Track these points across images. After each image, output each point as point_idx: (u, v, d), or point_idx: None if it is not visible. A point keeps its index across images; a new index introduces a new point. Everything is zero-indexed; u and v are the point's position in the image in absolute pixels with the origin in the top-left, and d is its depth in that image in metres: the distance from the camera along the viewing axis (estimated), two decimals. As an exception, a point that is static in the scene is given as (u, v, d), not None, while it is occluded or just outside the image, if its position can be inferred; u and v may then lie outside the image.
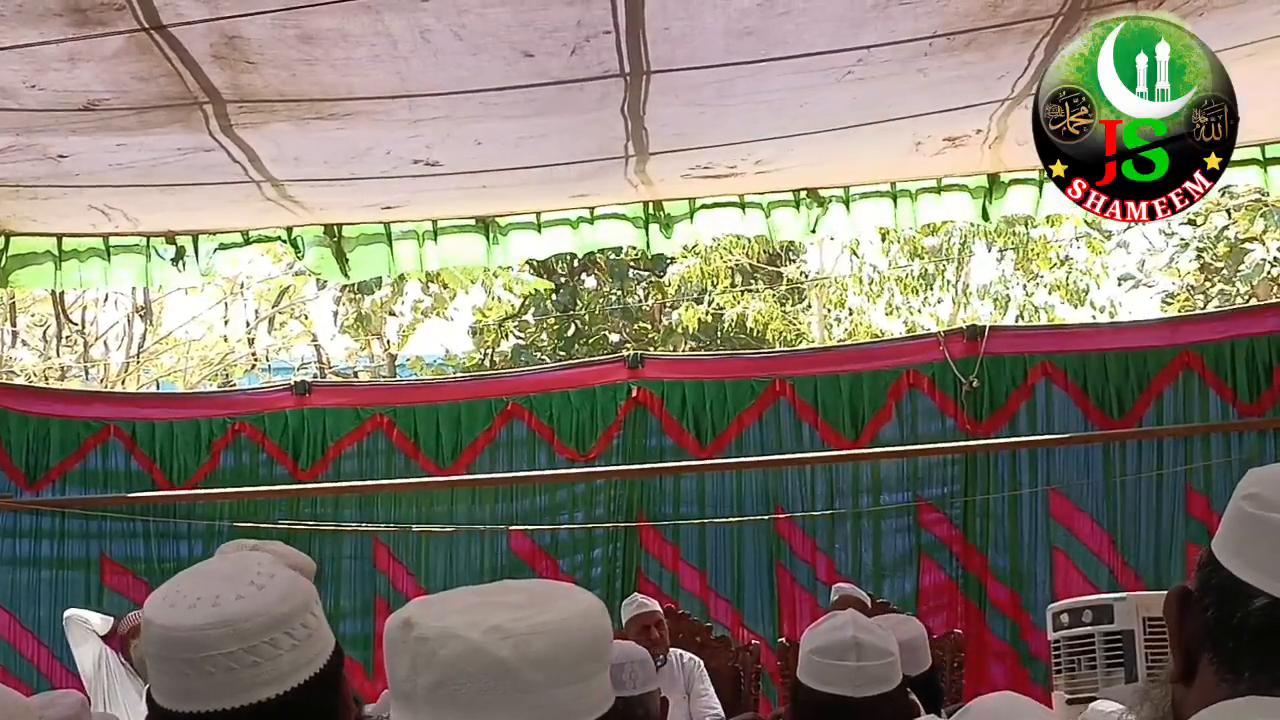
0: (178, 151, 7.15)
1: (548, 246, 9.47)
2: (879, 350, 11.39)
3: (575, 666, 1.80)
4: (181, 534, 10.33)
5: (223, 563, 2.41)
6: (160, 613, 2.28)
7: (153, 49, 5.65)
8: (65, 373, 20.72)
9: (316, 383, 11.16)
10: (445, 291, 21.35)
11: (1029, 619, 10.06)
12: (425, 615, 1.81)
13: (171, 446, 10.41)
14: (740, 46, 6.14)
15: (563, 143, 7.61)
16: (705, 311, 23.42)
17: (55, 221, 8.90)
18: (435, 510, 10.54)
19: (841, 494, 10.45)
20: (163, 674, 2.28)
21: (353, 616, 10.13)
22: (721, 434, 10.46)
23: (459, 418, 10.56)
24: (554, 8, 5.54)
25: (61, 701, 5.29)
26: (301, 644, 2.29)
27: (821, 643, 4.08)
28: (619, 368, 10.70)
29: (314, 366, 24.01)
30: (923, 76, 6.76)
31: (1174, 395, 10.17)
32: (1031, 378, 10.27)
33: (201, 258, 9.26)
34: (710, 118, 7.29)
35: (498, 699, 1.75)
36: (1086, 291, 21.88)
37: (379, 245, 9.16)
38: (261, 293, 22.49)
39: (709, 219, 9.20)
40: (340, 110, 6.65)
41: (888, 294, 22.43)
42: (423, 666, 1.77)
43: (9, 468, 10.08)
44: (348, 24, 5.55)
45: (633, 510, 10.51)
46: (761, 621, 10.36)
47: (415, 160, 7.67)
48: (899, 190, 9.05)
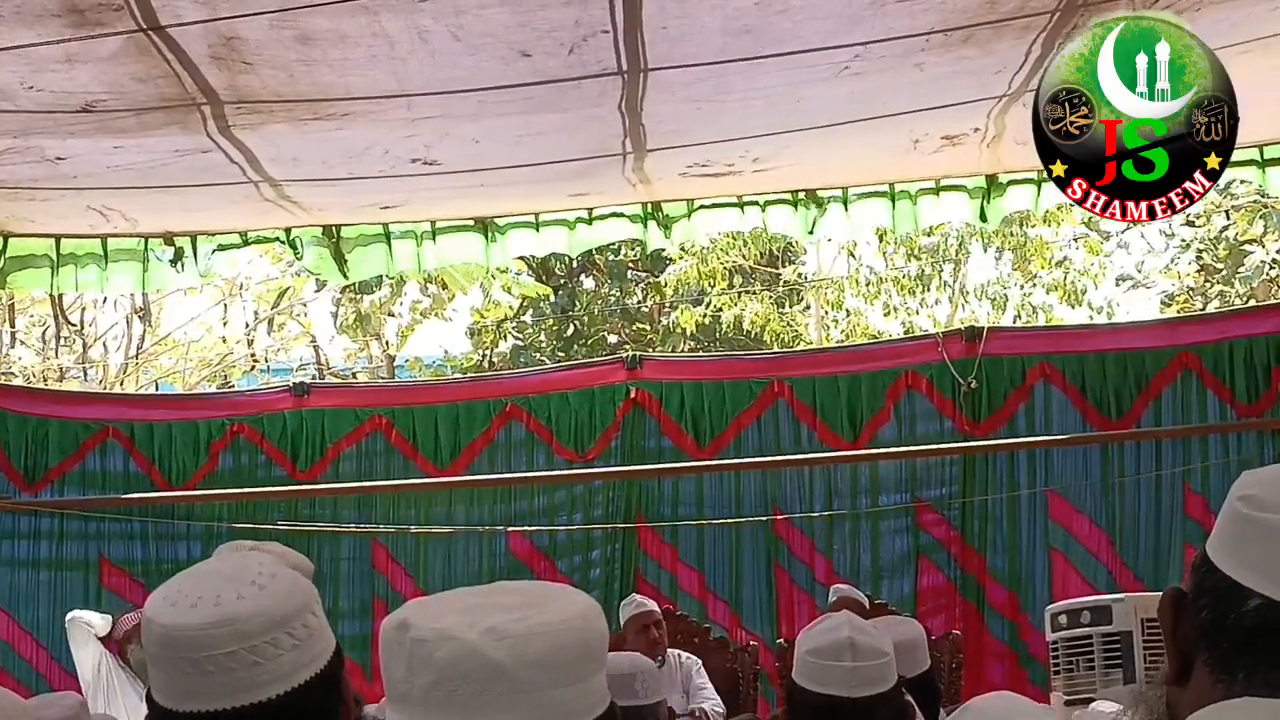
0: (176, 153, 7.16)
1: (545, 245, 9.49)
2: (877, 351, 11.40)
3: (572, 667, 1.80)
4: (180, 535, 10.32)
5: (224, 562, 2.40)
6: (161, 612, 2.28)
7: (151, 50, 5.65)
8: (64, 374, 20.72)
9: (315, 384, 11.17)
10: (444, 293, 21.34)
11: (1027, 620, 10.07)
12: (421, 616, 1.81)
13: (170, 448, 10.40)
14: (738, 44, 6.15)
15: (560, 140, 7.62)
16: (703, 313, 23.42)
17: (53, 223, 8.90)
18: (434, 511, 10.54)
19: (840, 495, 10.45)
20: (163, 673, 2.27)
21: (351, 617, 10.12)
22: (720, 435, 10.46)
23: (458, 419, 10.56)
24: (552, 8, 5.55)
25: (60, 703, 5.29)
26: (302, 644, 2.29)
27: (817, 644, 4.09)
28: (617, 369, 10.71)
29: (313, 367, 24.02)
30: (920, 72, 6.77)
31: (1172, 396, 10.18)
32: (1030, 379, 10.28)
33: (200, 259, 9.27)
34: (707, 114, 7.30)
35: (494, 700, 1.75)
36: (1084, 292, 21.88)
37: (377, 245, 9.17)
38: (260, 294, 22.51)
39: (708, 217, 9.22)
40: (338, 110, 6.65)
41: (885, 295, 22.42)
42: (419, 668, 1.77)
43: (7, 469, 10.07)
44: (345, 25, 5.55)
45: (631, 511, 10.51)
46: (760, 623, 10.36)
47: (413, 159, 7.67)
48: (898, 191, 9.06)
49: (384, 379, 21.84)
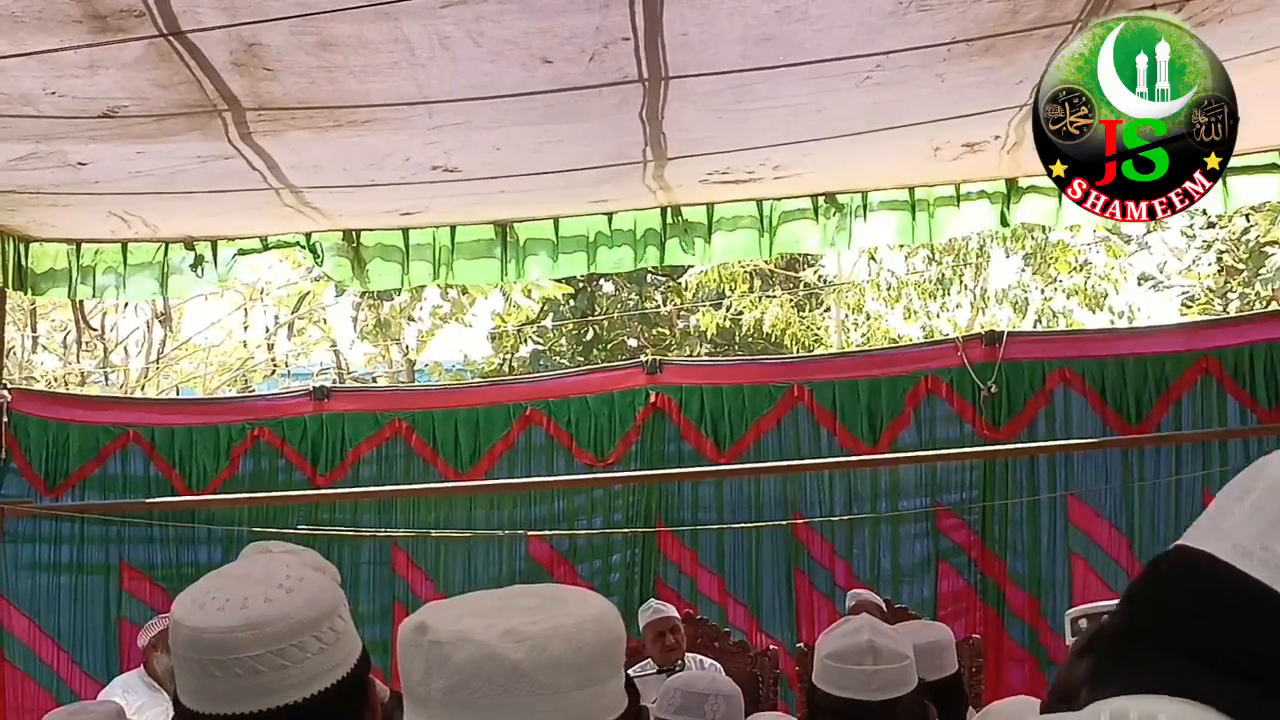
0: (197, 159, 7.17)
1: (563, 268, 9.55)
2: (897, 355, 11.37)
3: (590, 670, 1.81)
4: (200, 539, 10.32)
5: (251, 565, 2.42)
6: (189, 614, 2.30)
7: (172, 56, 5.66)
8: (85, 378, 20.79)
9: (335, 388, 11.15)
10: (464, 297, 21.38)
11: (1047, 624, 10.06)
12: (440, 619, 1.82)
13: (191, 452, 10.41)
14: (758, 52, 6.14)
15: (581, 148, 7.62)
16: (723, 317, 23.42)
17: (74, 228, 8.94)
18: (454, 515, 10.55)
19: (859, 499, 10.44)
20: (189, 675, 2.29)
21: (371, 621, 10.12)
22: (740, 439, 10.46)
23: (478, 423, 10.57)
24: (573, 15, 5.54)
25: (97, 710, 5.33)
26: (329, 648, 2.30)
27: (837, 647, 4.09)
28: (637, 373, 10.70)
29: (333, 372, 24.06)
30: (941, 82, 6.75)
31: (1192, 401, 10.16)
32: (1050, 383, 10.26)
33: (220, 263, 9.31)
34: (728, 123, 7.30)
35: (512, 702, 1.76)
36: (1105, 296, 21.85)
37: (395, 259, 9.23)
38: (281, 299, 22.55)
39: (728, 240, 9.23)
40: (359, 117, 6.66)
41: (906, 299, 22.41)
42: (437, 670, 1.78)
43: (28, 473, 10.08)
44: (367, 31, 5.55)
45: (651, 515, 10.51)
46: (779, 627, 10.36)
47: (434, 166, 7.68)
48: (917, 199, 9.07)
49: (404, 383, 21.87)
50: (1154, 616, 1.29)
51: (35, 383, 18.91)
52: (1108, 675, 1.29)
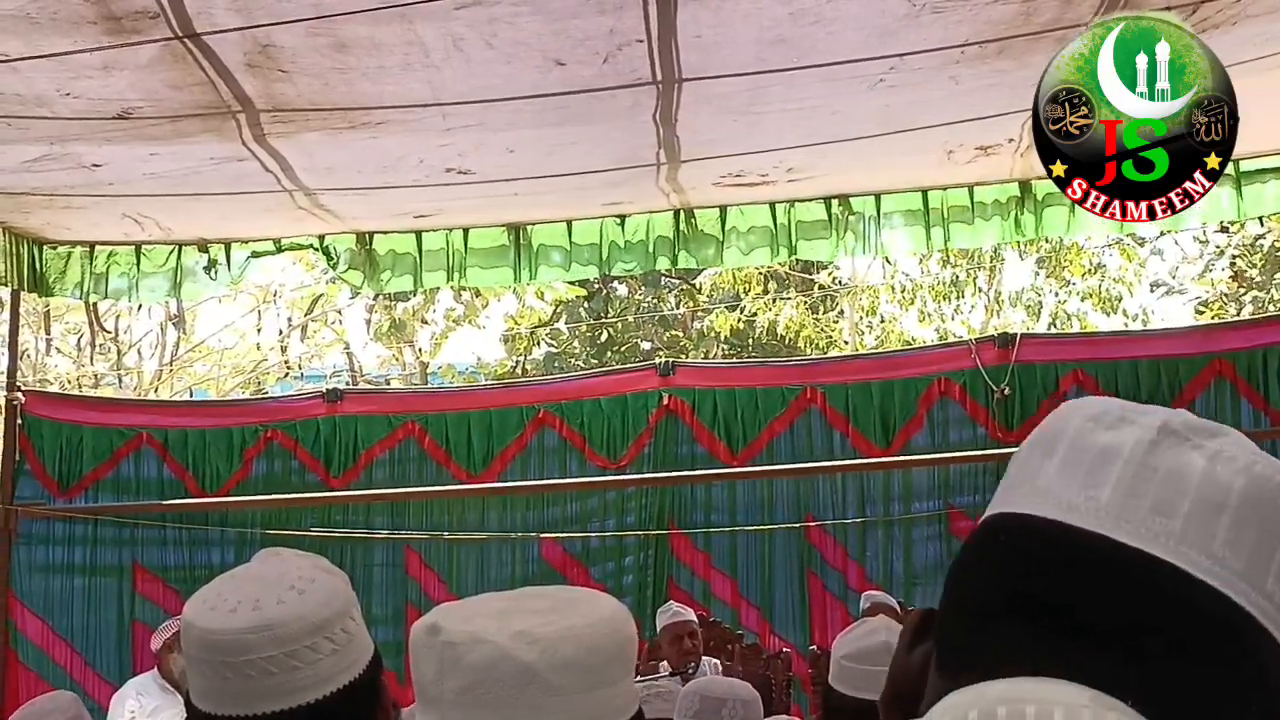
0: (211, 161, 7.17)
1: (576, 272, 9.55)
2: (910, 358, 11.34)
3: (601, 671, 1.81)
4: (214, 541, 10.33)
5: (263, 567, 2.41)
6: (201, 616, 2.30)
7: (186, 58, 5.67)
8: (99, 380, 20.81)
9: (348, 390, 11.18)
10: (477, 300, 21.39)
11: (1060, 626, 10.03)
12: (452, 620, 1.82)
13: (204, 454, 10.43)
14: (771, 54, 6.13)
15: (594, 150, 7.61)
16: (737, 319, 23.40)
17: (88, 231, 8.95)
18: (466, 517, 10.55)
19: (872, 501, 10.43)
20: (202, 677, 2.29)
21: (384, 624, 10.11)
22: (753, 441, 10.46)
23: (490, 425, 10.57)
24: (586, 17, 5.54)
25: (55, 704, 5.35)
26: (341, 649, 2.30)
27: (854, 648, 4.08)
28: (650, 375, 10.70)
29: (346, 374, 24.09)
30: (955, 84, 6.74)
31: (1205, 403, 10.13)
32: (1063, 385, 10.24)
33: (234, 265, 9.32)
34: (742, 125, 7.29)
35: (524, 703, 1.76)
36: (1119, 299, 21.80)
37: (409, 261, 9.25)
38: (294, 301, 22.57)
39: (744, 240, 9.23)
40: (373, 119, 6.66)
41: (920, 301, 22.37)
42: (449, 671, 1.78)
43: (42, 475, 10.10)
44: (380, 33, 5.55)
45: (664, 518, 10.50)
46: (792, 629, 10.35)
47: (448, 169, 7.68)
48: (932, 208, 9.06)
49: (417, 385, 21.88)
50: (997, 589, 1.25)
51: (49, 385, 18.93)
52: (964, 660, 1.25)
